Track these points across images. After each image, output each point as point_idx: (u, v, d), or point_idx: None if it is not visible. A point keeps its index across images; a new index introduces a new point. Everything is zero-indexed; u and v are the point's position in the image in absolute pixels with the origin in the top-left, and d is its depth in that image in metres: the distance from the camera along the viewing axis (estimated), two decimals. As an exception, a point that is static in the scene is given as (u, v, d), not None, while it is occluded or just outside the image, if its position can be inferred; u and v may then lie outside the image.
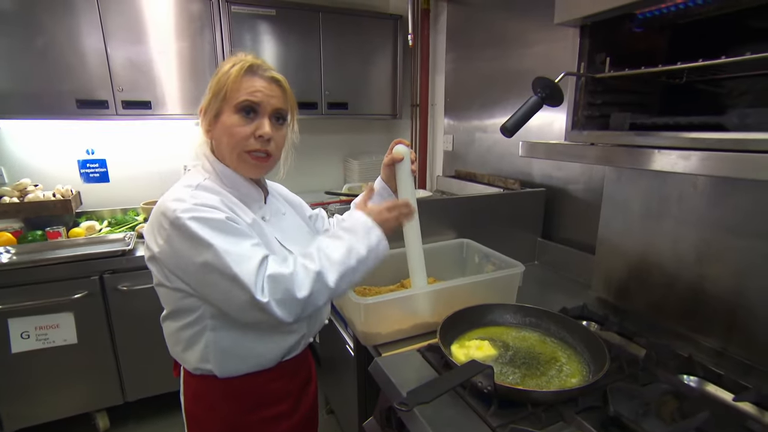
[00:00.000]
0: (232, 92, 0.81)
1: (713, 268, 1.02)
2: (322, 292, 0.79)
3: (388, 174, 1.10)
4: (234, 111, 0.82)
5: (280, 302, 0.74)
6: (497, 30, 2.02)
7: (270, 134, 0.83)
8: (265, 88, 0.83)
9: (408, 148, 1.07)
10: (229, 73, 0.82)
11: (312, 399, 1.07)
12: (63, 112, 1.96)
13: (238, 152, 0.83)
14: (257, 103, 0.82)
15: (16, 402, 1.82)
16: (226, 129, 0.82)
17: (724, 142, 0.65)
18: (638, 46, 0.95)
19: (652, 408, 0.83)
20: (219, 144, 0.85)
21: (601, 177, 1.50)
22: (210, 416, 0.91)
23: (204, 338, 0.84)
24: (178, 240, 0.74)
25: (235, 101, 0.81)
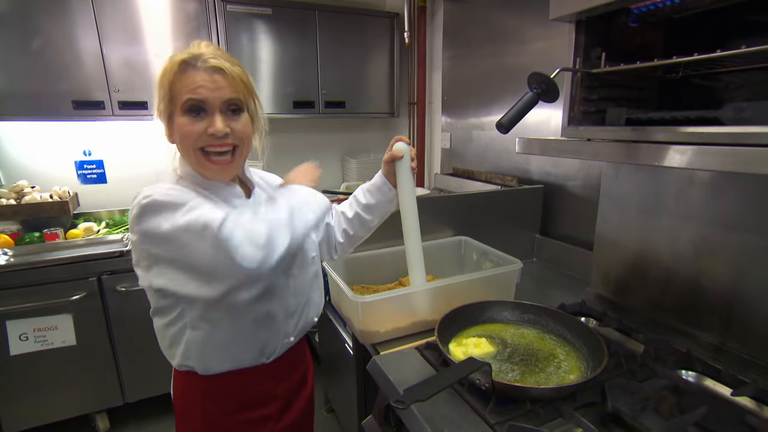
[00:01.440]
0: (176, 93, 0.76)
1: (711, 263, 1.02)
2: (279, 227, 0.76)
3: (387, 170, 1.09)
4: (182, 113, 0.77)
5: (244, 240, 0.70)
6: (494, 27, 2.02)
7: (222, 130, 0.77)
8: (206, 82, 0.75)
9: (408, 145, 1.07)
10: (166, 72, 0.77)
11: (305, 403, 1.05)
12: (59, 114, 1.96)
13: (194, 153, 0.79)
14: (201, 100, 0.75)
15: (16, 404, 1.81)
16: (178, 132, 0.78)
17: (720, 136, 0.64)
18: (634, 41, 0.94)
19: (650, 403, 0.83)
20: (179, 149, 0.82)
21: (598, 173, 1.49)
22: (194, 413, 0.90)
23: (185, 336, 0.83)
24: (148, 216, 0.72)
25: (180, 102, 0.76)
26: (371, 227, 1.14)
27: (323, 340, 1.94)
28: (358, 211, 1.12)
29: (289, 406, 0.99)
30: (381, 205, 1.11)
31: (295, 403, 1.01)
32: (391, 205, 1.12)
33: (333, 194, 2.52)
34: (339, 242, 1.14)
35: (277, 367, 0.93)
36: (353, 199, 1.14)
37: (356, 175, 2.85)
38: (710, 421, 0.77)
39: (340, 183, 2.97)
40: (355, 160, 2.86)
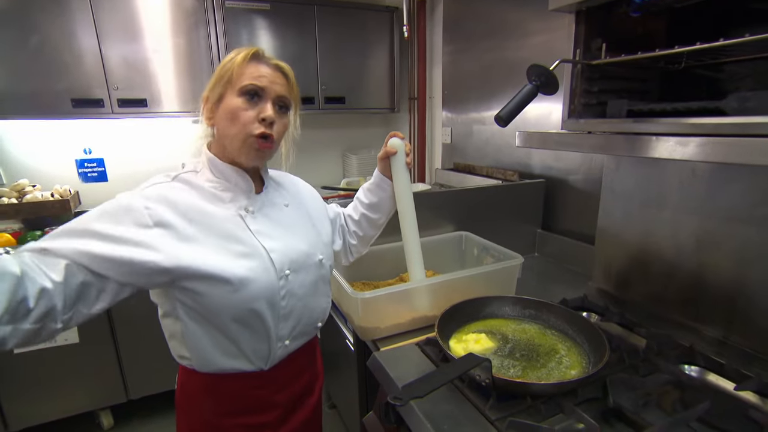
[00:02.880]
0: (237, 77, 0.80)
1: (714, 256, 1.01)
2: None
3: (384, 167, 1.10)
4: (238, 94, 0.80)
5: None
6: (494, 20, 2.00)
7: (273, 117, 0.81)
8: (269, 75, 0.82)
9: (402, 140, 1.06)
10: (234, 59, 0.81)
11: (309, 413, 1.02)
12: (58, 112, 1.96)
13: (243, 137, 0.81)
14: (262, 87, 0.81)
15: (21, 401, 1.82)
16: (230, 112, 0.81)
17: (723, 126, 0.63)
18: (635, 31, 0.93)
19: (653, 398, 0.83)
20: (221, 130, 0.83)
21: (600, 167, 1.48)
22: (192, 409, 0.90)
23: (180, 329, 0.83)
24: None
25: (240, 85, 0.80)
26: (380, 225, 1.15)
27: (324, 336, 1.94)
28: (364, 211, 1.13)
29: (289, 414, 0.97)
30: (384, 201, 1.12)
31: (298, 413, 0.99)
32: (394, 201, 1.13)
33: (333, 190, 2.52)
34: (352, 244, 1.16)
35: (277, 375, 0.91)
36: (356, 201, 1.15)
37: (357, 171, 2.84)
38: (713, 415, 0.76)
39: (341, 179, 2.96)
40: (356, 156, 2.85)
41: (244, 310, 0.81)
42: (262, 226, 0.86)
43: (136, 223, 0.73)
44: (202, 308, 0.79)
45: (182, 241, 0.76)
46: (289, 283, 0.86)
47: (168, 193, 0.79)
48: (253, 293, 0.80)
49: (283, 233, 0.89)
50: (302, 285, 0.89)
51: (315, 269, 0.93)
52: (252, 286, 0.80)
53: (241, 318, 0.81)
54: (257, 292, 0.81)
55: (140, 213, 0.74)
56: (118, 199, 0.76)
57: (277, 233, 0.88)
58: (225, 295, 0.78)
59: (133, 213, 0.74)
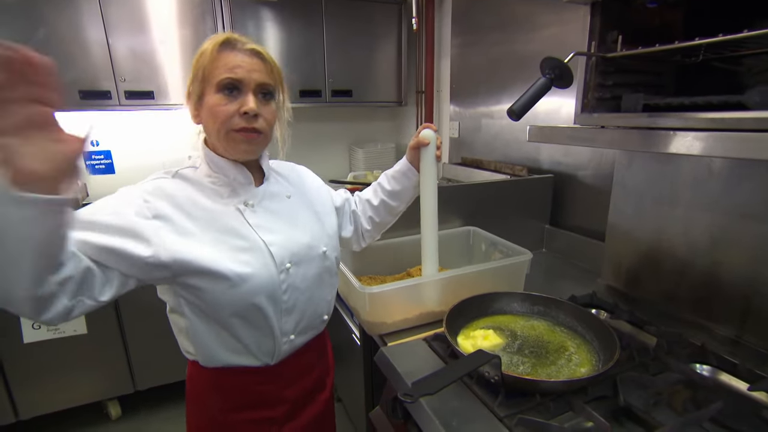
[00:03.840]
0: (211, 71, 0.77)
1: (728, 254, 0.99)
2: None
3: (413, 156, 1.09)
4: (215, 90, 0.77)
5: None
6: (504, 13, 1.97)
7: (255, 110, 0.77)
8: (245, 63, 0.77)
9: (435, 133, 1.06)
10: (204, 52, 0.77)
11: (321, 408, 1.01)
12: (66, 104, 1.95)
13: (225, 132, 0.78)
14: (238, 79, 0.76)
15: (30, 390, 1.85)
16: (210, 110, 0.78)
17: (745, 121, 0.61)
18: (652, 22, 0.91)
19: (663, 398, 0.82)
20: (206, 128, 0.82)
21: (610, 162, 1.46)
22: (200, 404, 0.90)
23: (185, 325, 0.82)
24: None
25: (216, 80, 0.76)
26: (397, 213, 1.14)
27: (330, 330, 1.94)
28: (384, 198, 1.12)
29: (299, 410, 0.96)
30: (406, 190, 1.11)
31: (308, 408, 0.98)
32: (416, 191, 1.12)
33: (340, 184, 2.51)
34: (366, 230, 1.14)
35: (284, 370, 0.90)
36: (378, 186, 1.14)
37: (363, 165, 2.83)
38: (726, 416, 0.75)
39: (347, 173, 2.95)
40: (362, 149, 2.83)
41: (244, 305, 0.80)
42: (261, 219, 0.85)
43: (135, 214, 0.73)
44: (204, 304, 0.79)
45: (180, 235, 0.75)
46: (290, 276, 0.85)
47: (167, 188, 0.79)
48: (252, 288, 0.79)
49: (284, 226, 0.88)
50: (305, 278, 0.88)
51: (318, 261, 0.91)
52: (251, 281, 0.79)
53: (243, 313, 0.81)
54: (257, 287, 0.80)
55: (139, 206, 0.74)
56: (119, 192, 0.76)
57: (278, 226, 0.87)
58: (224, 290, 0.77)
59: (132, 206, 0.73)
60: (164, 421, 2.05)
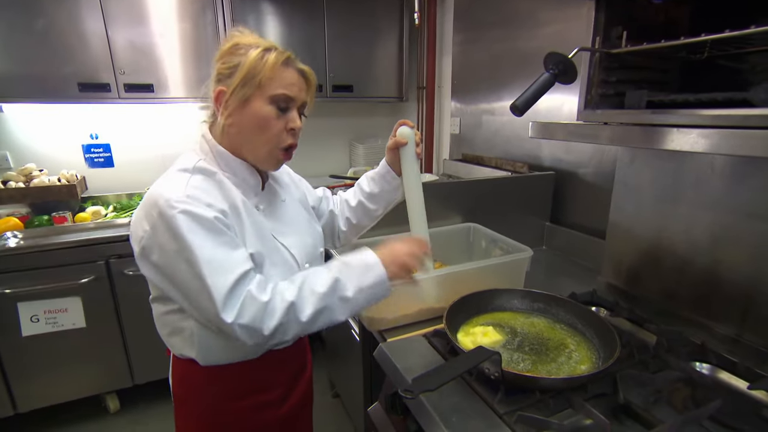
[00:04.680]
0: (268, 81, 0.77)
1: (729, 252, 0.99)
2: (292, 325, 0.73)
3: (392, 157, 1.05)
4: (268, 102, 0.78)
5: (245, 327, 0.70)
6: (506, 9, 1.96)
7: (301, 126, 0.82)
8: (298, 82, 0.81)
9: (412, 129, 1.01)
10: (265, 60, 0.77)
11: (305, 388, 1.04)
12: (65, 96, 1.94)
13: (270, 148, 0.81)
14: (292, 97, 0.80)
15: (29, 383, 1.85)
16: (259, 120, 0.78)
17: (750, 118, 0.61)
18: (657, 19, 0.90)
19: (663, 395, 0.82)
20: (243, 133, 0.80)
21: (612, 160, 1.45)
22: (194, 400, 0.90)
23: (188, 325, 0.82)
24: (162, 230, 0.71)
25: (272, 92, 0.77)
26: (375, 216, 1.11)
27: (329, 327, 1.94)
28: (362, 199, 1.09)
29: (289, 392, 0.98)
30: (385, 194, 1.08)
31: (296, 390, 1.00)
32: (395, 194, 1.08)
33: (340, 179, 2.50)
34: (342, 231, 1.12)
35: (279, 356, 0.93)
36: (357, 187, 1.11)
37: (364, 161, 2.82)
38: (725, 414, 0.75)
39: (348, 168, 2.94)
40: (363, 145, 2.82)
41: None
42: (273, 224, 0.87)
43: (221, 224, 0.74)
44: None
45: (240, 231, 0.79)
46: None
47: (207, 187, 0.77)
48: None
49: (290, 231, 0.89)
50: None
51: (320, 260, 0.96)
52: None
53: None
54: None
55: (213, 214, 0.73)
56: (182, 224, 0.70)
57: (287, 229, 0.89)
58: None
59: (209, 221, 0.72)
60: (162, 415, 2.05)
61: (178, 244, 0.70)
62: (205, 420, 0.91)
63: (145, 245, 0.74)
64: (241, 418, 0.91)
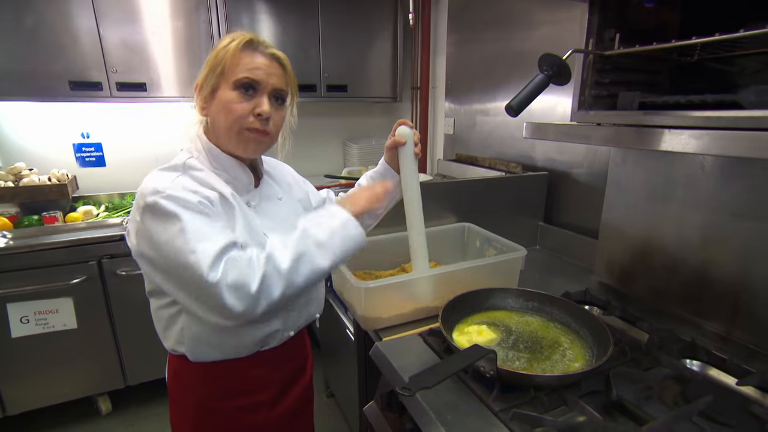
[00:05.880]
0: (231, 67, 0.77)
1: (719, 251, 1.01)
2: (274, 278, 0.71)
3: (390, 156, 1.06)
4: (232, 87, 0.78)
5: (231, 286, 0.68)
6: (501, 10, 1.97)
7: (269, 113, 0.79)
8: (265, 66, 0.79)
9: (411, 129, 1.02)
10: (227, 47, 0.78)
11: (302, 391, 1.03)
12: (55, 94, 1.92)
13: (237, 129, 0.79)
14: (257, 80, 0.78)
15: (19, 385, 1.82)
16: (224, 105, 0.78)
17: (741, 120, 0.62)
18: (649, 22, 0.91)
19: (654, 392, 0.83)
20: (215, 122, 0.81)
21: (604, 160, 1.47)
22: (187, 396, 0.90)
23: (180, 320, 0.82)
24: (149, 217, 0.72)
25: (234, 77, 0.77)
26: (377, 215, 1.12)
27: (324, 326, 1.94)
28: None
29: (284, 394, 0.98)
30: None
31: (291, 392, 1.00)
32: (396, 193, 1.09)
33: (335, 179, 2.50)
34: None
35: (272, 356, 0.92)
36: (358, 186, 1.12)
37: (358, 161, 2.82)
38: (715, 410, 0.76)
39: (342, 168, 2.94)
40: (357, 145, 2.82)
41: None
42: (265, 221, 0.86)
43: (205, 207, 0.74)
44: None
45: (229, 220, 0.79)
46: None
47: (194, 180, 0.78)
48: None
49: (281, 229, 0.88)
50: None
51: None
52: None
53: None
54: None
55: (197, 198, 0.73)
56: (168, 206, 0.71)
57: (278, 227, 0.88)
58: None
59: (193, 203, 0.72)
60: (155, 416, 2.04)
61: (164, 224, 0.71)
62: (196, 417, 0.90)
63: (138, 237, 0.75)
64: (232, 417, 0.90)
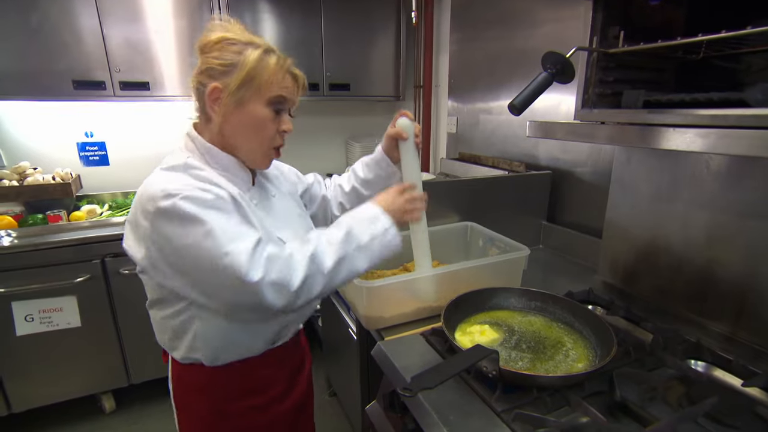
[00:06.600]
0: (267, 85, 0.78)
1: (724, 251, 1.00)
2: (317, 277, 0.72)
3: (389, 145, 1.04)
4: (266, 104, 0.79)
5: (273, 285, 0.68)
6: (504, 8, 1.96)
7: (291, 130, 0.84)
8: (292, 85, 0.82)
9: (412, 121, 1.00)
10: (267, 64, 0.77)
11: (305, 385, 1.05)
12: (59, 93, 1.93)
13: (264, 149, 0.83)
14: (287, 99, 0.81)
15: (24, 383, 1.84)
16: (256, 121, 0.79)
17: (746, 118, 0.61)
18: (654, 19, 0.90)
19: (659, 393, 0.82)
20: (236, 132, 0.80)
21: (608, 159, 1.46)
22: (198, 403, 0.90)
23: (192, 327, 0.81)
24: (164, 222, 0.69)
25: (270, 94, 0.78)
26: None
27: (326, 325, 1.94)
28: (356, 185, 1.09)
29: (290, 388, 0.99)
30: (379, 180, 1.07)
31: (296, 386, 1.01)
32: (390, 181, 1.07)
33: (337, 179, 2.49)
34: (335, 216, 1.11)
35: (280, 352, 0.94)
36: (352, 172, 1.11)
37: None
38: (720, 411, 0.75)
39: (344, 167, 2.93)
40: (359, 144, 2.82)
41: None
42: (267, 219, 0.86)
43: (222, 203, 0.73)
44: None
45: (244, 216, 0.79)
46: None
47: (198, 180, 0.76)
48: None
49: (284, 225, 0.89)
50: None
51: None
52: None
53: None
54: None
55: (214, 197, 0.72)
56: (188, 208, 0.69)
57: (281, 224, 0.88)
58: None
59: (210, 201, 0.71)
60: (159, 414, 2.05)
61: (185, 227, 0.68)
62: (211, 422, 0.90)
63: (147, 245, 0.72)
64: (245, 417, 0.91)
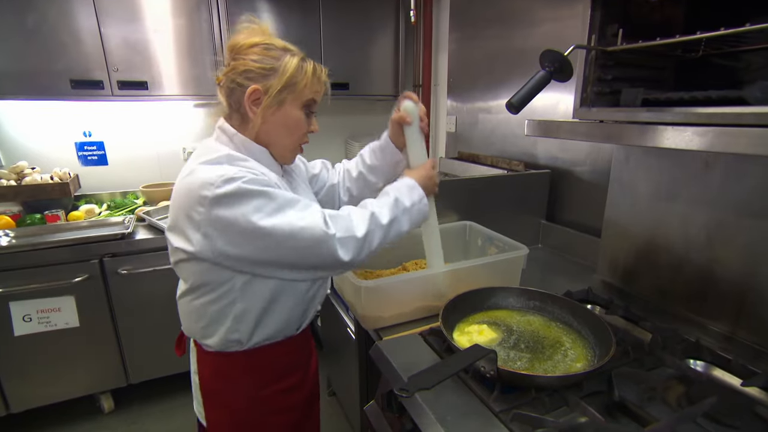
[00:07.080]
0: (304, 89, 0.84)
1: (724, 250, 0.99)
2: (376, 232, 0.83)
3: (394, 131, 1.04)
4: (301, 107, 0.86)
5: (342, 240, 0.78)
6: (503, 7, 1.95)
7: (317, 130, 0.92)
8: (322, 90, 0.90)
9: (417, 104, 1.00)
10: (304, 70, 0.84)
11: (314, 371, 1.09)
12: (57, 93, 1.92)
13: (294, 147, 0.90)
14: (317, 102, 0.89)
15: (22, 383, 1.83)
16: (292, 122, 0.86)
17: (745, 116, 0.61)
18: (653, 17, 0.90)
19: (658, 393, 0.82)
20: (272, 131, 0.86)
21: (607, 158, 1.46)
22: (230, 391, 0.92)
23: (233, 310, 0.84)
24: (229, 206, 0.73)
25: (305, 98, 0.85)
26: (376, 189, 1.10)
27: (325, 325, 1.94)
28: (363, 171, 1.10)
29: (306, 374, 1.03)
30: (384, 168, 1.09)
31: (309, 372, 1.05)
32: (396, 169, 1.08)
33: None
34: (343, 201, 1.13)
35: (300, 339, 0.98)
36: (359, 157, 1.13)
37: (359, 159, 2.81)
38: (719, 411, 0.75)
39: (343, 167, 2.93)
40: (359, 143, 2.81)
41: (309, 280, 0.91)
42: None
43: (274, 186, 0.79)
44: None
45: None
46: None
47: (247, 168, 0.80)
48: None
49: None
50: None
51: None
52: None
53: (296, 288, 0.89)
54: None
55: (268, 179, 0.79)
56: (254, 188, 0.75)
57: None
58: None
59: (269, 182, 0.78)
60: (157, 414, 2.04)
61: (253, 203, 0.73)
62: (246, 409, 0.93)
63: (208, 232, 0.74)
64: (274, 401, 0.95)
